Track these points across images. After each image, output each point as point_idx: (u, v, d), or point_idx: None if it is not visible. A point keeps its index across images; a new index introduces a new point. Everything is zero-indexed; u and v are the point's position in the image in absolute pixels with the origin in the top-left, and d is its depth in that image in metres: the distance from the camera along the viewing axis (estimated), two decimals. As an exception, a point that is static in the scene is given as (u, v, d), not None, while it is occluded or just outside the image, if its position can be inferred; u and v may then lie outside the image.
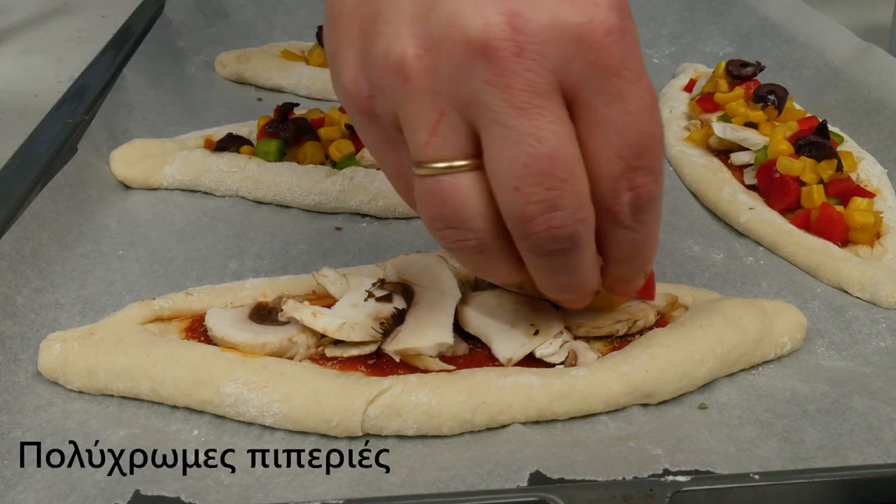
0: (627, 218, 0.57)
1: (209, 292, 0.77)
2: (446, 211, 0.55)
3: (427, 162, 0.54)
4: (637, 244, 0.60)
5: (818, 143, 0.95)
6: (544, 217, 0.53)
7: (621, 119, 0.53)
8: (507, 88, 0.50)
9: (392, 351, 0.67)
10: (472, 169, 0.54)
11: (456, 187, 0.54)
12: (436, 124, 0.53)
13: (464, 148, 0.54)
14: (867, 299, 0.83)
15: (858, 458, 0.62)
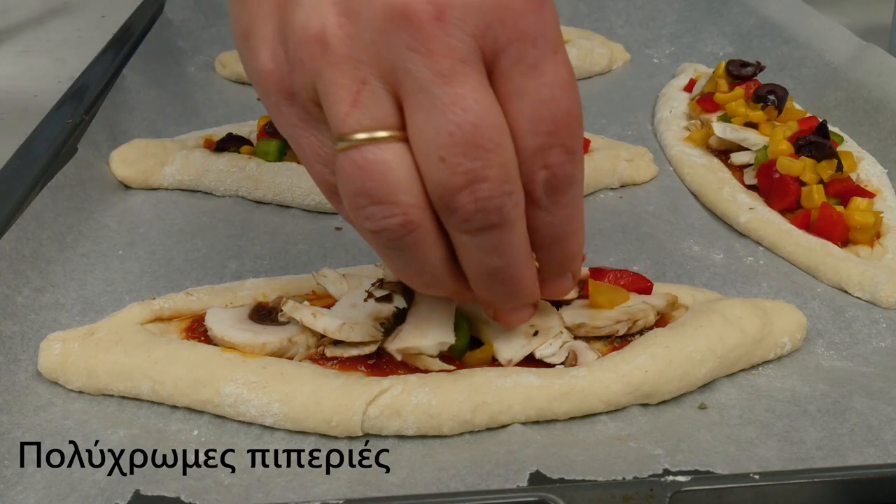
0: (543, 198, 0.55)
1: (209, 292, 0.77)
2: (370, 184, 0.52)
3: (349, 134, 0.52)
4: (556, 230, 0.58)
5: (818, 143, 0.95)
6: (471, 188, 0.51)
7: (536, 92, 0.51)
8: (429, 54, 0.49)
9: (394, 350, 0.67)
10: (397, 140, 0.52)
11: (381, 158, 0.52)
12: (357, 94, 0.51)
13: (387, 118, 0.52)
14: (867, 299, 0.83)
15: (858, 458, 0.62)
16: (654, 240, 0.93)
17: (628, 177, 1.05)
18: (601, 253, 0.91)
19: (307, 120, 0.55)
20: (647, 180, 1.07)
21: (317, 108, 0.54)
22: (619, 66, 1.45)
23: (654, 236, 0.94)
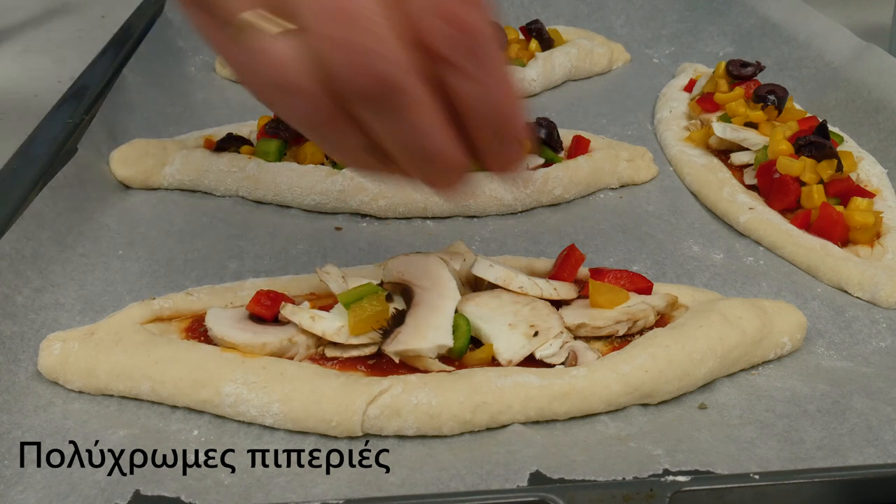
0: (455, 55, 0.52)
1: (209, 292, 0.77)
2: (276, 78, 0.51)
3: (241, 21, 0.51)
4: (484, 95, 0.54)
5: (818, 143, 0.95)
6: (351, 62, 0.50)
7: None
8: None
9: (392, 352, 0.67)
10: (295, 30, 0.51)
11: (279, 50, 0.51)
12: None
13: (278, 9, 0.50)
14: (867, 299, 0.83)
15: (858, 458, 0.62)
16: (654, 240, 0.93)
17: (628, 177, 1.05)
18: (601, 253, 0.91)
19: (212, 22, 0.54)
20: (647, 180, 1.07)
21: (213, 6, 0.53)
22: (619, 66, 1.45)
23: (654, 236, 0.94)
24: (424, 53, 0.52)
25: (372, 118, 0.54)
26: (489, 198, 0.98)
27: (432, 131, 0.55)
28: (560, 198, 1.01)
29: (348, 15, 0.49)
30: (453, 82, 0.53)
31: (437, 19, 0.51)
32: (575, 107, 1.29)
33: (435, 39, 0.52)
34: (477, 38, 0.52)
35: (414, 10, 0.51)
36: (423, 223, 0.98)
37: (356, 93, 0.51)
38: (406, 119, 0.54)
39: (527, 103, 0.57)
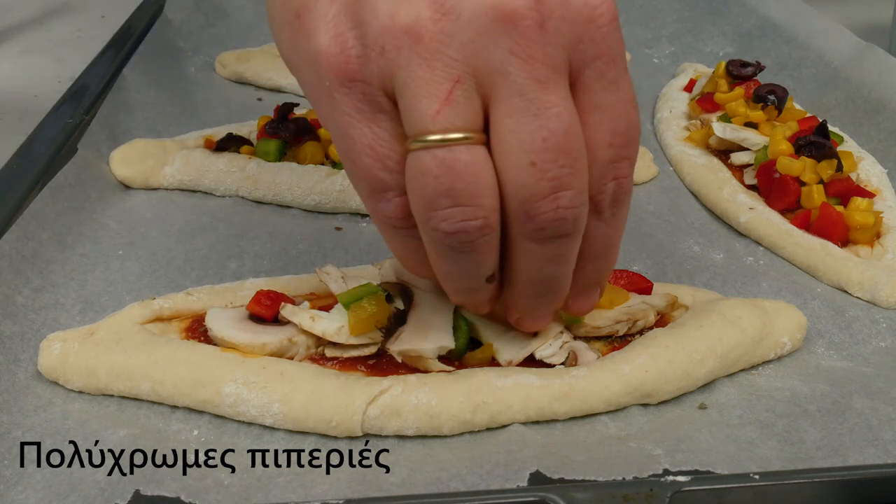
0: (607, 209, 0.57)
1: (209, 292, 0.77)
2: (460, 185, 0.52)
3: (437, 132, 0.51)
4: (609, 242, 0.60)
5: (818, 143, 0.95)
6: (554, 196, 0.52)
7: (615, 106, 0.53)
8: (530, 59, 0.50)
9: (396, 351, 0.67)
10: (481, 143, 0.52)
11: (472, 159, 0.51)
12: (450, 92, 0.50)
13: (476, 119, 0.52)
14: (867, 299, 0.83)
15: (858, 458, 0.62)
16: (654, 240, 0.93)
17: (628, 177, 1.05)
18: (601, 253, 0.91)
19: (366, 111, 0.53)
20: (647, 180, 1.07)
21: (385, 100, 0.53)
22: (619, 65, 1.45)
23: (654, 236, 0.94)
24: None
25: (533, 247, 0.56)
26: (489, 198, 0.98)
27: (570, 270, 0.59)
28: (560, 198, 1.01)
29: (570, 158, 0.52)
30: (592, 225, 0.57)
31: (613, 182, 0.56)
32: (575, 107, 1.29)
33: (604, 199, 0.56)
34: (628, 197, 0.58)
35: (601, 165, 0.55)
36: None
37: (542, 228, 0.54)
38: (563, 258, 0.57)
39: None
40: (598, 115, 0.53)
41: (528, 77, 0.50)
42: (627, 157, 0.55)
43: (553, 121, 0.51)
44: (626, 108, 0.54)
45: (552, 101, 0.51)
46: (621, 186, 0.56)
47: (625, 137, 0.54)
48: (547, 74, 0.51)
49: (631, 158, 0.56)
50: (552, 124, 0.51)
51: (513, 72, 0.50)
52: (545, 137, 0.51)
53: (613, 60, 0.53)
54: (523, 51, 0.50)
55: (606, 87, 0.53)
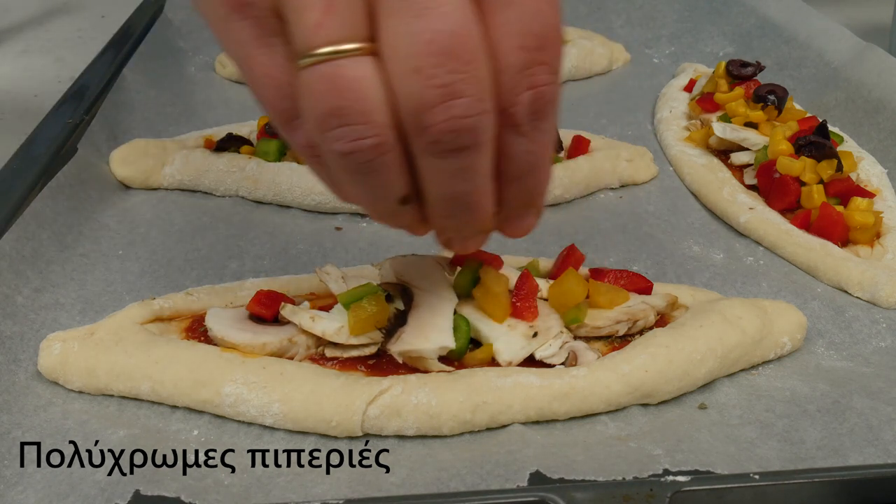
0: (525, 122, 0.51)
1: (209, 292, 0.77)
2: (345, 102, 0.47)
3: (320, 46, 0.47)
4: (533, 159, 0.54)
5: (818, 143, 0.95)
6: (446, 104, 0.47)
7: (525, 3, 0.48)
8: None
9: (396, 352, 0.67)
10: (369, 53, 0.47)
11: (356, 74, 0.47)
12: (330, 1, 0.46)
13: (361, 28, 0.47)
14: (867, 299, 0.83)
15: (858, 458, 0.62)
16: (654, 240, 0.93)
17: (628, 177, 1.05)
18: (601, 253, 0.91)
19: (260, 36, 0.50)
20: (647, 180, 1.07)
21: (275, 20, 0.49)
22: (619, 66, 1.45)
23: (654, 236, 0.94)
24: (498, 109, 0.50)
25: (434, 161, 0.51)
26: (489, 198, 0.98)
27: (484, 191, 0.54)
28: (560, 198, 1.01)
29: (460, 62, 0.47)
30: (509, 141, 0.52)
31: (529, 91, 0.50)
32: (575, 107, 1.29)
33: (519, 110, 0.50)
34: (554, 110, 0.52)
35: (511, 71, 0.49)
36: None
37: (437, 140, 0.49)
38: (468, 173, 0.52)
39: None
40: (505, 14, 0.48)
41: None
42: (545, 61, 0.49)
43: (438, 21, 0.45)
44: (538, 5, 0.48)
45: (437, 0, 0.46)
46: (541, 96, 0.50)
47: (539, 39, 0.48)
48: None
49: (550, 64, 0.49)
50: (437, 24, 0.45)
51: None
52: (429, 40, 0.46)
53: None
54: None
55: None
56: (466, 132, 0.49)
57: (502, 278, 0.72)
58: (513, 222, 0.59)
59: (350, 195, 0.56)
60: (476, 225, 0.57)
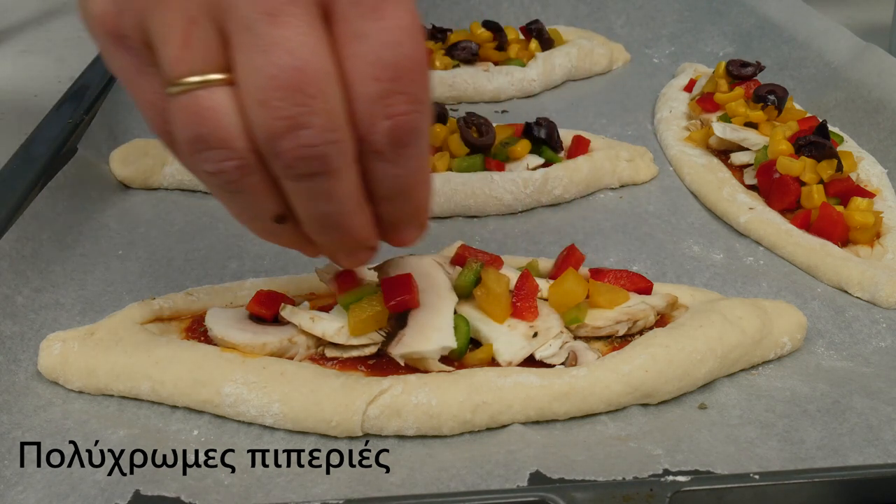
0: (387, 149, 0.52)
1: (209, 292, 0.77)
2: (204, 129, 0.50)
3: (180, 77, 0.50)
4: (402, 182, 0.55)
5: (818, 143, 0.95)
6: (293, 134, 0.49)
7: (377, 35, 0.49)
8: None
9: (398, 355, 0.67)
10: (227, 83, 0.50)
11: (212, 102, 0.50)
12: (186, 34, 0.49)
13: (217, 59, 0.50)
14: (867, 299, 0.83)
15: (858, 458, 0.62)
16: (654, 240, 0.93)
17: (628, 177, 1.05)
18: (601, 253, 0.91)
19: (139, 65, 0.53)
20: (647, 180, 1.07)
21: (148, 51, 0.52)
22: (619, 66, 1.45)
23: (654, 236, 0.94)
24: (359, 136, 0.52)
25: (293, 185, 0.53)
26: (489, 198, 0.98)
27: (351, 211, 0.56)
28: (560, 198, 1.01)
29: (304, 96, 0.49)
30: (374, 166, 0.54)
31: (387, 120, 0.51)
32: (575, 107, 1.29)
33: (379, 139, 0.52)
34: (418, 138, 0.53)
35: (367, 100, 0.51)
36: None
37: (289, 166, 0.51)
38: (328, 195, 0.54)
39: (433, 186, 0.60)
40: (357, 46, 0.49)
41: (257, 11, 0.47)
42: (402, 91, 0.50)
43: (282, 57, 0.48)
44: (392, 36, 0.49)
45: (283, 35, 0.47)
46: (400, 125, 0.51)
47: (394, 70, 0.50)
48: (279, 7, 0.47)
49: (408, 93, 0.51)
50: (281, 60, 0.48)
51: (239, 6, 0.48)
52: (273, 75, 0.48)
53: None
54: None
55: (365, 14, 0.49)
56: (315, 159, 0.51)
57: (502, 278, 0.72)
58: (395, 235, 0.62)
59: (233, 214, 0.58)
60: (353, 242, 0.59)
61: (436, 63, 1.32)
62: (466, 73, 1.31)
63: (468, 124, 1.01)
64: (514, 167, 1.01)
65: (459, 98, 1.30)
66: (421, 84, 0.51)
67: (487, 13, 1.59)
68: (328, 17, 0.50)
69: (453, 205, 0.98)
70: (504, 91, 1.31)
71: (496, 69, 1.32)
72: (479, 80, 1.30)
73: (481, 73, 1.31)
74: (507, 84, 1.31)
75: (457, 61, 1.34)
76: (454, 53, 1.33)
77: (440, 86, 1.29)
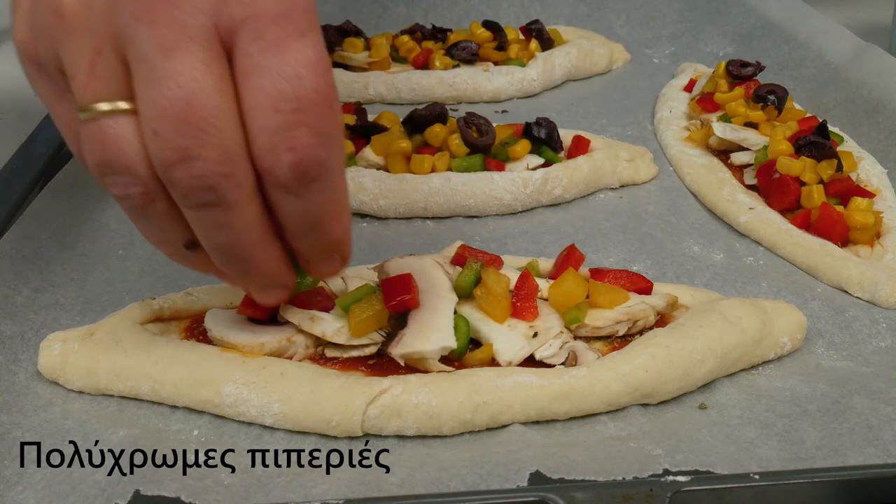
0: (292, 183, 0.53)
1: (209, 292, 0.77)
2: (109, 156, 0.52)
3: (88, 104, 0.51)
4: (311, 217, 0.56)
5: (818, 143, 0.95)
6: (184, 165, 0.50)
7: (277, 68, 0.50)
8: (153, 24, 0.49)
9: (398, 355, 0.67)
10: (135, 112, 0.51)
11: (116, 131, 0.51)
12: (93, 64, 0.51)
13: (123, 89, 0.51)
14: (867, 299, 0.83)
15: (858, 458, 0.62)
16: (654, 240, 0.93)
17: (628, 177, 1.05)
18: (601, 253, 0.91)
19: (56, 91, 0.55)
20: (647, 180, 1.07)
21: (63, 78, 0.53)
22: (619, 66, 1.45)
23: (654, 236, 0.94)
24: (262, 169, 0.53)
25: (189, 214, 0.54)
26: (489, 198, 0.98)
27: (253, 245, 0.56)
28: (560, 198, 1.01)
29: (194, 128, 0.50)
30: (281, 199, 0.54)
31: (290, 153, 0.51)
32: (575, 107, 1.29)
33: (281, 172, 0.52)
34: (327, 173, 0.53)
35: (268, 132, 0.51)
36: (423, 223, 0.98)
37: (184, 195, 0.52)
38: (225, 227, 0.54)
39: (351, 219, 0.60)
40: (257, 79, 0.50)
41: (152, 44, 0.49)
42: (305, 124, 0.51)
43: (173, 90, 0.49)
44: (294, 70, 0.50)
45: (176, 69, 0.49)
46: (304, 159, 0.51)
47: (294, 102, 0.50)
48: (174, 40, 0.49)
49: (312, 126, 0.51)
50: (171, 93, 0.49)
51: (138, 38, 0.49)
52: (164, 107, 0.49)
53: (273, 21, 0.50)
54: (146, 15, 0.49)
55: (266, 49, 0.50)
56: (208, 190, 0.51)
57: (503, 278, 0.72)
58: (315, 268, 0.62)
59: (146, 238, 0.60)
60: (260, 277, 0.60)
61: (436, 63, 1.32)
62: (466, 73, 1.31)
63: (468, 124, 1.01)
64: (514, 167, 1.01)
65: (459, 98, 1.30)
66: (326, 117, 0.51)
67: (487, 13, 1.59)
68: (230, 53, 0.51)
69: (453, 205, 0.98)
70: (504, 91, 1.31)
71: (496, 69, 1.32)
72: (479, 80, 1.30)
73: (481, 73, 1.31)
74: (507, 84, 1.31)
75: (457, 61, 1.34)
76: (454, 53, 1.33)
77: (440, 86, 1.29)
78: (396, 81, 1.30)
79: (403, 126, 1.04)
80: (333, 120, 0.52)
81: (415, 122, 1.03)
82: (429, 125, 1.02)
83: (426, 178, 0.98)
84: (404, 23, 1.53)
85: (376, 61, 1.33)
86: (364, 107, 1.12)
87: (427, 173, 0.99)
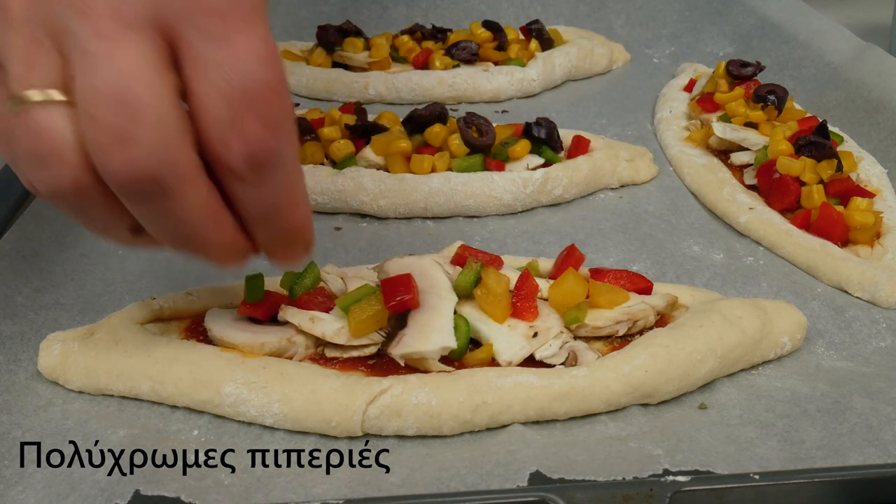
0: (246, 173, 0.53)
1: (209, 292, 0.77)
2: (38, 147, 0.51)
3: (18, 95, 0.51)
4: (268, 205, 0.56)
5: (818, 143, 0.95)
6: (120, 149, 0.50)
7: (226, 61, 0.50)
8: (91, 14, 0.49)
9: (398, 355, 0.67)
10: (70, 104, 0.51)
11: (48, 121, 0.51)
12: (29, 54, 0.51)
13: (59, 80, 0.51)
14: (867, 299, 0.83)
15: (858, 458, 0.62)
16: (654, 240, 0.93)
17: (628, 177, 1.05)
18: (601, 253, 0.91)
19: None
20: (647, 180, 1.07)
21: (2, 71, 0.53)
22: (619, 66, 1.45)
23: (654, 236, 0.94)
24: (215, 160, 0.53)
25: (129, 204, 0.54)
26: (489, 198, 0.98)
27: (205, 227, 0.56)
28: (560, 198, 1.01)
29: (128, 103, 0.49)
30: (236, 188, 0.55)
31: (240, 142, 0.52)
32: (575, 107, 1.29)
33: (234, 162, 0.52)
34: (280, 163, 0.54)
35: (219, 123, 0.51)
36: (423, 223, 0.98)
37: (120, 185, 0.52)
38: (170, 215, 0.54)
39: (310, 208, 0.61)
40: (206, 73, 0.50)
41: (90, 32, 0.49)
42: (255, 115, 0.51)
43: (111, 74, 0.49)
44: (244, 64, 0.50)
45: (115, 55, 0.49)
46: (255, 149, 0.52)
47: (243, 93, 0.50)
48: (113, 29, 0.49)
49: (264, 118, 0.51)
50: (109, 77, 0.49)
51: (75, 27, 0.49)
52: (100, 90, 0.49)
53: (219, 16, 0.50)
54: (85, 5, 0.49)
55: (211, 42, 0.50)
56: (147, 180, 0.51)
57: (503, 278, 0.72)
58: (276, 256, 0.62)
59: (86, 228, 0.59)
60: (213, 256, 0.59)
61: (436, 63, 1.32)
62: (466, 73, 1.31)
63: (468, 124, 1.01)
64: (514, 167, 1.01)
65: (459, 98, 1.30)
66: (277, 107, 0.52)
67: (487, 13, 1.59)
68: (174, 46, 0.51)
69: (453, 205, 0.98)
70: (504, 91, 1.31)
71: (496, 69, 1.32)
72: (479, 80, 1.30)
73: (481, 73, 1.31)
74: (507, 84, 1.31)
75: (457, 61, 1.34)
76: (454, 53, 1.33)
77: (440, 86, 1.29)
78: (396, 81, 1.30)
79: (403, 126, 1.04)
80: (284, 110, 0.53)
81: (415, 122, 1.03)
82: (429, 125, 1.02)
83: (426, 178, 0.98)
84: (404, 23, 1.53)
85: (376, 61, 1.33)
86: (364, 107, 1.12)
87: (427, 173, 0.99)
